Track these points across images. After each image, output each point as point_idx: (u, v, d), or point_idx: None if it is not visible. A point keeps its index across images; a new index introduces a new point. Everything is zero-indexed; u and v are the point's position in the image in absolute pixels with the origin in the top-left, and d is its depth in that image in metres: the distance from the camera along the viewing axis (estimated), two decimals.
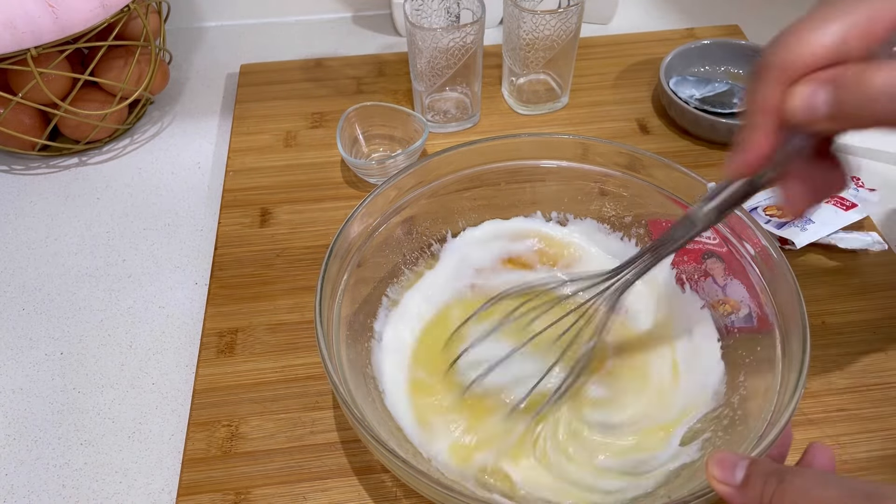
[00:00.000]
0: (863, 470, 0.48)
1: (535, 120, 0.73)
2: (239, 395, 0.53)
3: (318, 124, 0.73)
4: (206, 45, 0.86)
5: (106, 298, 0.61)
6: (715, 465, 0.35)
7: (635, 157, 0.55)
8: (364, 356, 0.51)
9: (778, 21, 0.76)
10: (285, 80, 0.78)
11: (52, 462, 0.51)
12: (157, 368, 0.56)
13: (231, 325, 0.57)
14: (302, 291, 0.59)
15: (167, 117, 0.77)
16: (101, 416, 0.53)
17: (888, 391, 0.52)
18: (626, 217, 0.57)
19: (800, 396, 0.41)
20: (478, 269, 0.58)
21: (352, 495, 0.48)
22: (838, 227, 0.60)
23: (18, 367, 0.56)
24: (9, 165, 0.72)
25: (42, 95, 0.65)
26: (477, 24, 0.64)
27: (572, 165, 0.56)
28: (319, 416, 0.52)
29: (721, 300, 0.53)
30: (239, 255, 0.62)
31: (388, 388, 0.50)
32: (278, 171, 0.69)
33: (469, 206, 0.58)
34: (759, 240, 0.49)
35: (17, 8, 0.59)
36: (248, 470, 0.49)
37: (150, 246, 0.64)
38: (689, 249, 0.55)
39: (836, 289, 0.58)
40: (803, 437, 0.49)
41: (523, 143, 0.56)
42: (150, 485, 0.50)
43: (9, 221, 0.67)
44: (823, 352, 0.54)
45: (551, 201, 0.58)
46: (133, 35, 0.69)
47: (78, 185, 0.70)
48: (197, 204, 0.68)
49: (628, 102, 0.75)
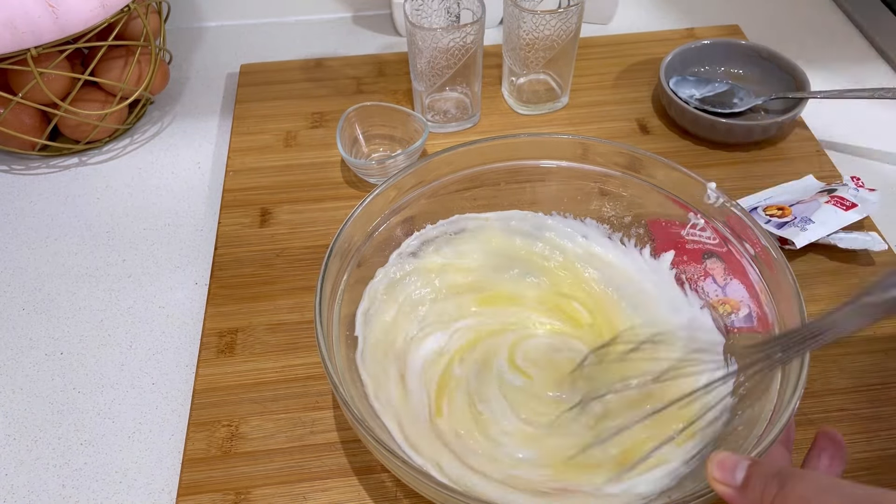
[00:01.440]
0: (863, 470, 0.48)
1: (535, 120, 0.73)
2: (239, 395, 0.53)
3: (318, 124, 0.73)
4: (206, 45, 0.86)
5: (106, 298, 0.61)
6: (715, 465, 0.35)
7: (634, 157, 0.55)
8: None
9: (778, 21, 0.76)
10: (285, 80, 0.78)
11: (52, 462, 0.51)
12: (157, 368, 0.56)
13: (231, 325, 0.57)
14: (302, 291, 0.59)
15: (167, 117, 0.77)
16: (101, 416, 0.53)
17: (888, 391, 0.52)
18: (626, 217, 0.57)
19: (800, 396, 0.41)
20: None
21: (352, 495, 0.48)
22: (838, 227, 0.60)
23: (18, 367, 0.56)
24: (9, 165, 0.72)
25: (42, 95, 0.65)
26: (477, 24, 0.64)
27: (572, 165, 0.56)
28: (319, 416, 0.52)
29: (721, 300, 0.53)
30: (239, 255, 0.62)
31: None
32: (278, 171, 0.69)
33: (469, 206, 0.58)
34: (759, 240, 0.49)
35: (17, 8, 0.59)
36: (248, 470, 0.49)
37: (150, 246, 0.64)
38: (689, 249, 0.55)
39: (836, 289, 0.58)
40: (803, 438, 0.49)
41: (522, 143, 0.56)
42: (150, 485, 0.50)
43: (9, 221, 0.67)
44: (823, 352, 0.54)
45: (551, 201, 0.58)
46: (133, 35, 0.69)
47: (78, 185, 0.70)
48: (197, 204, 0.68)
49: (628, 102, 0.75)
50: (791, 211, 0.61)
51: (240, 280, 0.60)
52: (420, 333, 0.53)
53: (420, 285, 0.55)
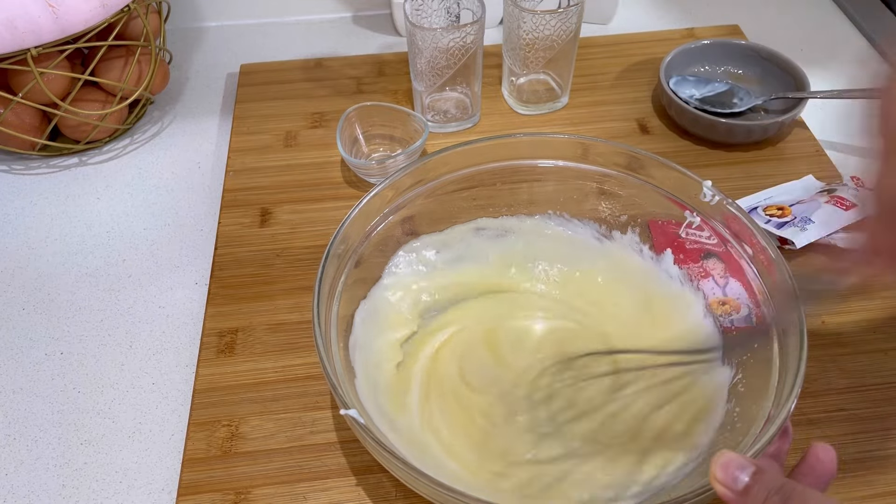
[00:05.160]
0: (862, 469, 0.48)
1: (535, 120, 0.73)
2: (239, 394, 0.53)
3: (318, 124, 0.73)
4: (206, 44, 0.86)
5: (106, 298, 0.61)
6: (719, 466, 0.35)
7: (632, 157, 0.55)
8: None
9: (778, 21, 0.76)
10: (285, 80, 0.78)
11: (52, 462, 0.51)
12: (157, 368, 0.56)
13: (231, 325, 0.57)
14: (302, 291, 0.59)
15: (167, 117, 0.77)
16: (101, 416, 0.53)
17: (888, 391, 0.52)
18: (622, 216, 0.57)
19: (797, 394, 0.41)
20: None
21: (352, 495, 0.48)
22: (838, 227, 0.60)
23: (18, 367, 0.56)
24: (9, 165, 0.72)
25: (42, 95, 0.65)
26: (477, 24, 0.64)
27: (569, 165, 0.57)
28: (319, 415, 0.52)
29: (721, 300, 0.53)
30: (239, 254, 0.62)
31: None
32: (278, 170, 0.69)
33: (466, 206, 0.58)
34: (759, 240, 0.49)
35: (17, 8, 0.59)
36: (248, 470, 0.49)
37: (149, 246, 0.64)
38: (688, 249, 0.55)
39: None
40: (803, 437, 0.49)
41: (520, 142, 0.56)
42: (150, 484, 0.50)
43: (9, 221, 0.67)
44: (823, 352, 0.54)
45: (548, 201, 0.58)
46: (133, 35, 0.69)
47: (78, 185, 0.70)
48: (197, 204, 0.68)
49: (628, 102, 0.75)
50: (791, 211, 0.61)
51: (240, 280, 0.60)
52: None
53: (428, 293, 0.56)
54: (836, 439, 0.49)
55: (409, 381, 0.51)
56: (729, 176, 0.67)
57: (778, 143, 0.70)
